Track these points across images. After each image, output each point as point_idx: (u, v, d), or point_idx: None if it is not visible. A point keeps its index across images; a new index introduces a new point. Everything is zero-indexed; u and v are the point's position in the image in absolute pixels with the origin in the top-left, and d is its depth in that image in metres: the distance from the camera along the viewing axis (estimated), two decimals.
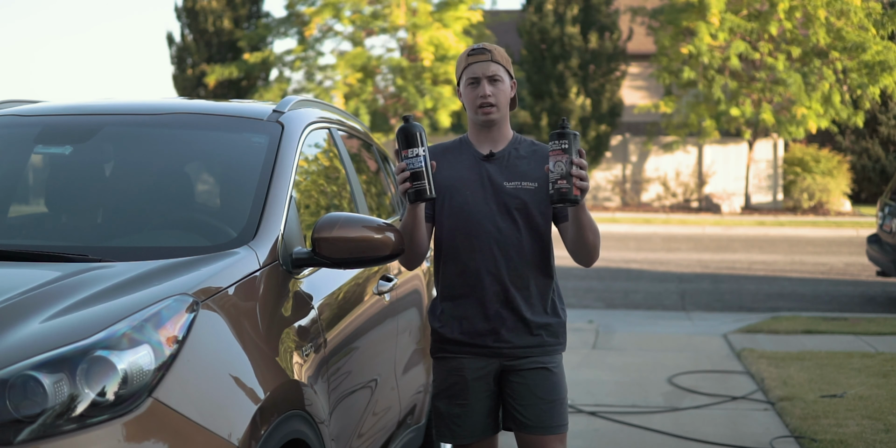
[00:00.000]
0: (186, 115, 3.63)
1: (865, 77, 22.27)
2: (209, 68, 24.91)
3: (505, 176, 3.23)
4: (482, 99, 3.18)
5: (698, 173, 25.72)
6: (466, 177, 3.24)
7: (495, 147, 3.27)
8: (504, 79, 3.21)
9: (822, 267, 13.67)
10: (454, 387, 3.26)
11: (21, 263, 2.77)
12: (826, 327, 8.35)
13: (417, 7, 23.69)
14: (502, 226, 3.20)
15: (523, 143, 3.31)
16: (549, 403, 3.26)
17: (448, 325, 3.26)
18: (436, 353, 3.32)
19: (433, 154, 3.24)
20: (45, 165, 3.59)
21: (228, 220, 3.07)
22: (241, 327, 2.60)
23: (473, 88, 3.20)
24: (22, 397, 2.15)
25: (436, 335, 3.31)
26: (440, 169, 3.23)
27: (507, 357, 3.24)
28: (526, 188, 3.22)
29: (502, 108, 3.22)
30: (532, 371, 3.24)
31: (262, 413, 2.48)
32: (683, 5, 22.90)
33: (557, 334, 3.30)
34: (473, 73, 3.20)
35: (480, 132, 3.28)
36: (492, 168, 3.24)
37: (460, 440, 3.30)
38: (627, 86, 26.81)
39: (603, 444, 5.08)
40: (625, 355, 7.32)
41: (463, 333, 3.24)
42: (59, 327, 2.31)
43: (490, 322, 3.21)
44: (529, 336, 3.23)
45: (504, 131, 3.29)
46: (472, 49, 3.24)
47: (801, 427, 5.21)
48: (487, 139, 3.27)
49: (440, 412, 3.31)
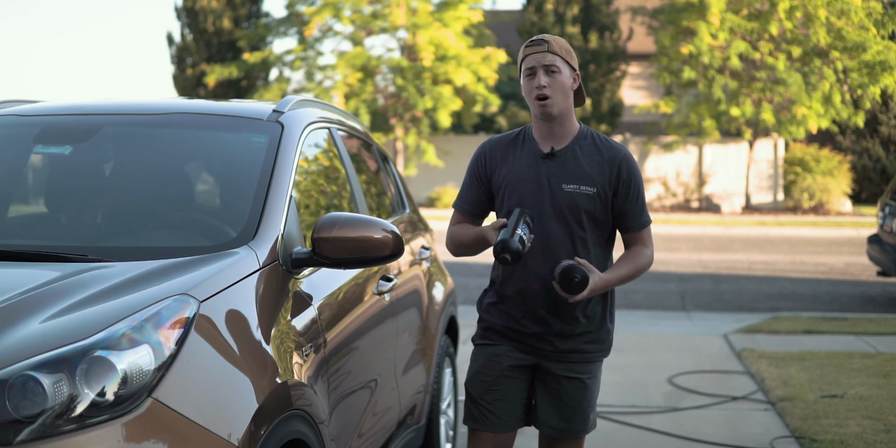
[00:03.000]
0: (186, 115, 3.63)
1: (866, 77, 22.26)
2: (209, 68, 24.91)
3: (565, 177, 3.16)
4: (537, 90, 3.12)
5: (698, 173, 25.71)
6: (525, 176, 3.18)
7: (557, 144, 3.19)
8: (562, 70, 3.13)
9: (822, 267, 13.67)
10: (490, 372, 3.25)
11: (21, 263, 2.77)
12: (826, 327, 8.34)
13: (417, 7, 23.68)
14: (555, 229, 3.15)
15: (588, 138, 3.21)
16: (574, 412, 3.27)
17: (495, 315, 3.26)
18: (477, 339, 3.32)
19: (494, 148, 3.24)
20: (45, 165, 3.59)
21: (228, 220, 3.06)
22: (240, 327, 2.59)
23: (530, 80, 3.14)
24: (21, 397, 2.15)
25: (481, 323, 3.32)
26: (501, 165, 3.20)
27: (548, 358, 3.24)
28: (584, 193, 3.15)
29: (560, 100, 3.13)
30: (567, 379, 3.24)
31: (261, 413, 2.47)
32: (684, 5, 22.89)
33: (601, 341, 3.27)
34: (530, 63, 3.14)
35: (542, 126, 3.20)
36: (552, 167, 3.17)
37: (488, 427, 3.26)
38: (627, 86, 26.81)
39: (603, 444, 5.07)
40: (625, 355, 7.31)
41: (509, 329, 3.24)
42: (59, 327, 2.31)
43: (537, 324, 3.20)
44: (573, 341, 3.22)
45: (567, 126, 3.20)
46: (531, 40, 3.18)
47: (801, 427, 5.21)
48: (550, 134, 3.19)
49: (472, 397, 3.30)
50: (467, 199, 3.32)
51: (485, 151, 3.29)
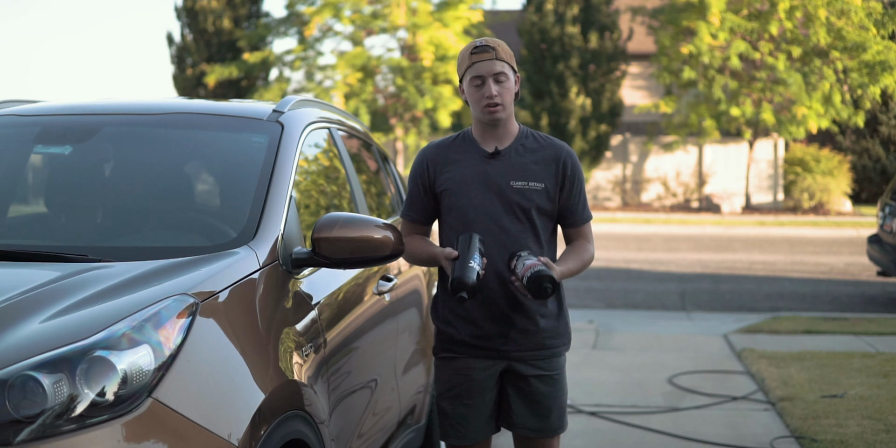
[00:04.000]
0: (186, 115, 3.63)
1: (866, 77, 22.26)
2: (209, 68, 24.91)
3: (512, 175, 3.17)
4: (489, 99, 3.11)
5: (698, 173, 25.71)
6: (471, 176, 3.18)
7: (500, 144, 3.20)
8: (510, 76, 3.13)
9: (822, 267, 13.66)
10: (460, 387, 3.24)
11: (21, 263, 2.77)
12: (826, 327, 8.34)
13: (417, 7, 23.68)
14: (508, 226, 3.16)
15: (529, 137, 3.23)
16: (548, 410, 3.26)
17: (454, 325, 3.22)
18: (440, 352, 3.28)
19: (437, 153, 3.22)
20: (45, 165, 3.59)
21: (228, 220, 3.06)
22: (240, 327, 2.59)
23: (479, 88, 3.12)
24: (22, 397, 2.15)
25: (441, 335, 3.27)
26: (444, 169, 3.20)
27: (514, 359, 3.22)
28: (533, 189, 3.17)
29: (508, 106, 3.15)
30: (535, 378, 3.23)
31: (261, 413, 2.47)
32: (684, 5, 22.89)
33: (561, 334, 3.28)
34: (478, 71, 3.11)
35: (486, 130, 3.21)
36: (497, 166, 3.18)
37: (466, 441, 3.27)
38: (627, 86, 26.80)
39: (603, 444, 5.07)
40: (625, 355, 7.31)
41: (471, 336, 3.20)
42: (59, 327, 2.31)
43: (498, 324, 3.18)
44: (536, 337, 3.21)
45: (509, 127, 3.22)
46: (474, 46, 3.14)
47: (801, 427, 5.21)
48: (493, 137, 3.20)
49: (445, 413, 3.28)
50: (414, 208, 3.30)
51: (426, 157, 3.26)
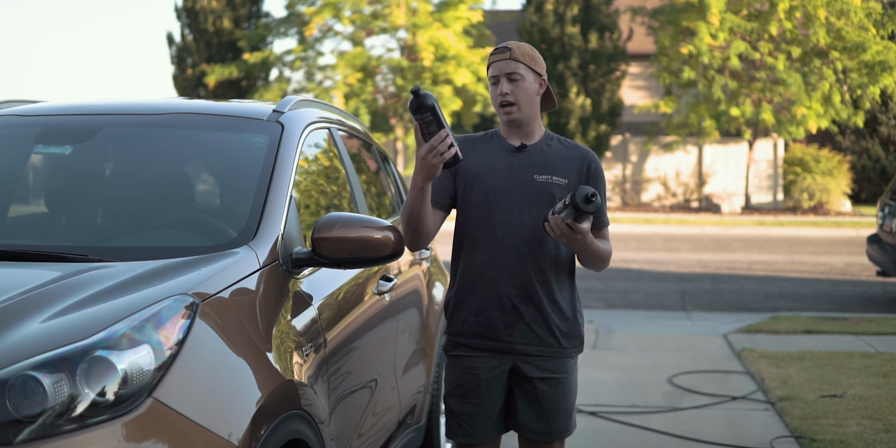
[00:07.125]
0: (186, 115, 3.63)
1: (865, 77, 22.28)
2: (209, 68, 24.92)
3: (536, 168, 3.19)
4: (501, 97, 3.17)
5: (698, 173, 25.72)
6: (495, 166, 3.20)
7: (527, 141, 3.24)
8: (526, 77, 3.17)
9: (822, 267, 13.67)
10: (467, 385, 3.24)
11: (21, 263, 2.77)
12: (826, 327, 8.35)
13: (417, 7, 23.69)
14: (528, 219, 3.16)
15: (554, 140, 3.28)
16: (555, 413, 3.25)
17: (462, 315, 3.22)
18: (450, 350, 3.29)
19: (462, 144, 3.21)
20: (45, 165, 3.59)
21: (228, 220, 3.06)
22: (240, 327, 2.60)
23: (495, 87, 3.20)
24: (22, 397, 2.15)
25: (451, 329, 3.28)
26: (468, 157, 3.19)
27: (521, 354, 3.20)
28: (556, 183, 3.18)
29: (524, 106, 3.18)
30: (540, 380, 3.22)
31: (261, 413, 2.47)
32: (683, 5, 22.91)
33: (573, 336, 3.27)
34: (494, 71, 3.20)
35: (511, 130, 3.25)
36: (523, 160, 3.20)
37: (472, 439, 3.27)
38: (627, 86, 26.81)
39: (603, 444, 5.08)
40: (625, 355, 7.32)
41: (478, 325, 3.20)
42: (59, 327, 2.31)
43: (506, 314, 3.17)
44: (545, 334, 3.20)
45: (534, 129, 3.25)
46: (495, 48, 3.23)
47: (801, 427, 5.21)
48: (517, 135, 3.25)
49: (452, 411, 3.28)
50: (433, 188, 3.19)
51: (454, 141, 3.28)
